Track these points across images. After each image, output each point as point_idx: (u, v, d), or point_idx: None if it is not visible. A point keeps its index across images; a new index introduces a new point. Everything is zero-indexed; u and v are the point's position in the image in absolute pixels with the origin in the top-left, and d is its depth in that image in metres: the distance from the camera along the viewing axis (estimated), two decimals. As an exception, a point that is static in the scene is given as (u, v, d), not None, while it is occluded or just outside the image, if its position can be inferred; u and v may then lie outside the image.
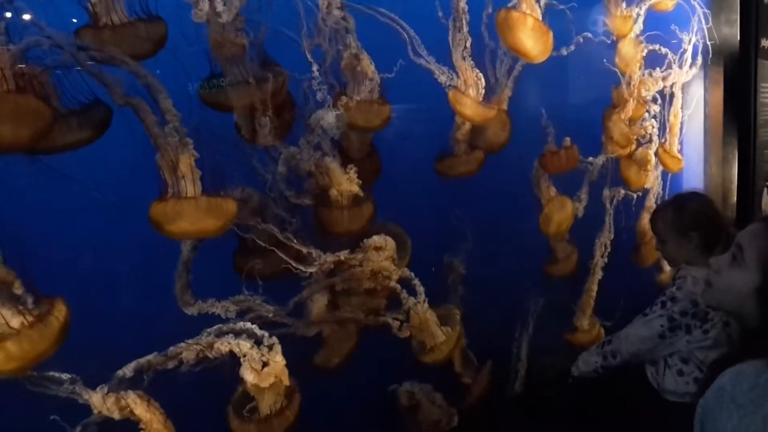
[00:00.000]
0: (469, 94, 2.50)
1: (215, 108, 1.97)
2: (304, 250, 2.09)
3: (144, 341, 1.88)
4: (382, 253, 2.22)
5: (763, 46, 3.85)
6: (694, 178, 4.05)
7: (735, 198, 4.03)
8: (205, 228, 1.87)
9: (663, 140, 3.67)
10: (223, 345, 1.95)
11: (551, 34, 2.66)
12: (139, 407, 1.84)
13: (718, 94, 3.97)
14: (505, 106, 2.68)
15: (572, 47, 2.93)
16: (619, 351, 2.20)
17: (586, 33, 3.04)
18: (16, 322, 1.59)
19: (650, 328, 2.11)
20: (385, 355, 2.40)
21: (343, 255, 2.17)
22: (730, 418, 1.14)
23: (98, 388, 1.78)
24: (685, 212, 2.20)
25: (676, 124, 3.77)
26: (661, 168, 3.71)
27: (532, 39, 2.57)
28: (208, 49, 1.90)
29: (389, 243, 2.23)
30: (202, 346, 1.93)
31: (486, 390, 2.70)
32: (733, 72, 3.91)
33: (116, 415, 1.80)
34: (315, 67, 2.07)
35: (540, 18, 2.62)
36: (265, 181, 2.07)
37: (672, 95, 3.69)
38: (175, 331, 1.93)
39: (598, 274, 3.33)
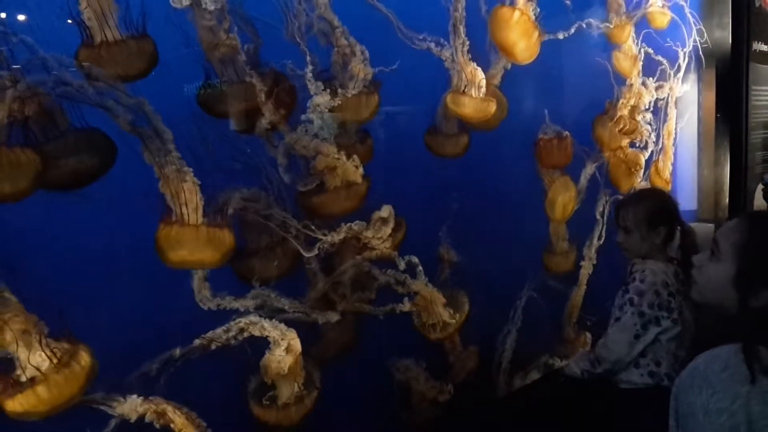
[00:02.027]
0: (470, 93, 2.56)
1: (212, 114, 2.02)
2: (319, 234, 2.15)
3: (163, 340, 1.93)
4: (387, 224, 2.28)
5: (755, 50, 3.91)
6: (687, 180, 4.10)
7: (727, 199, 4.08)
8: (203, 258, 1.91)
9: (656, 159, 3.72)
10: (254, 329, 2.02)
11: (538, 32, 2.67)
12: (177, 417, 1.89)
13: (711, 96, 4.03)
14: (497, 81, 2.70)
15: (572, 30, 2.94)
16: (602, 359, 2.26)
17: (588, 20, 3.09)
18: (43, 365, 1.64)
19: (625, 331, 2.17)
20: (384, 337, 2.45)
21: (356, 225, 2.22)
22: (701, 394, 1.21)
23: (131, 397, 1.82)
24: (656, 207, 2.29)
25: (670, 148, 3.81)
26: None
27: (515, 33, 2.58)
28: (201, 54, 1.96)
29: (392, 213, 2.29)
30: (233, 332, 2.01)
31: (472, 371, 2.75)
32: (725, 75, 3.97)
33: (156, 424, 1.85)
34: (309, 67, 2.10)
35: (530, 16, 2.64)
36: (266, 174, 2.11)
37: (666, 114, 3.75)
38: (194, 328, 1.98)
39: (584, 286, 3.35)
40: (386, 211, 2.26)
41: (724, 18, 3.93)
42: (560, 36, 2.86)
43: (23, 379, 1.62)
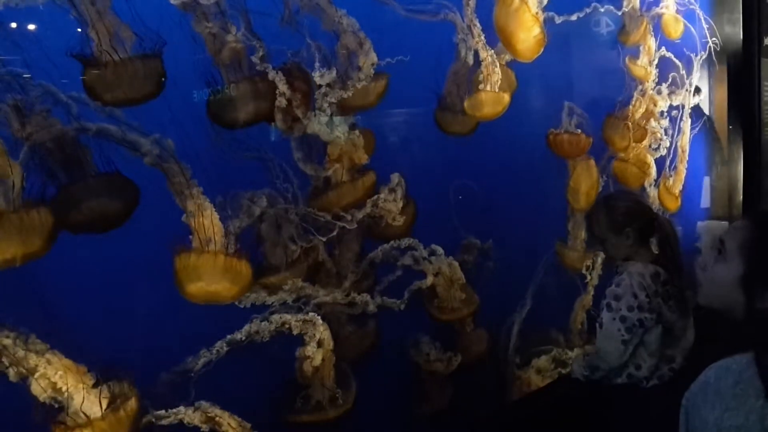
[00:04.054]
0: (485, 89, 2.58)
1: (222, 123, 2.02)
2: (348, 218, 2.20)
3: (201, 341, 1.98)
4: (397, 192, 2.31)
5: (766, 45, 3.88)
6: (700, 178, 4.06)
7: (741, 197, 4.03)
8: (218, 290, 1.92)
9: (668, 176, 3.69)
10: (294, 324, 2.09)
11: (540, 29, 2.62)
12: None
13: (723, 93, 4.00)
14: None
15: (588, 9, 2.96)
16: (597, 367, 2.23)
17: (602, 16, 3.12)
18: (93, 411, 1.69)
19: (611, 339, 2.12)
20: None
21: (380, 199, 2.28)
22: (713, 410, 1.19)
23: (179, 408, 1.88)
24: (617, 211, 2.24)
25: (682, 171, 3.78)
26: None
27: (514, 22, 2.56)
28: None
29: (401, 182, 2.32)
30: (275, 324, 2.07)
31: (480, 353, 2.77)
32: (737, 71, 3.94)
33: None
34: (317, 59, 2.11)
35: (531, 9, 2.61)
36: (275, 172, 2.14)
37: (680, 129, 3.72)
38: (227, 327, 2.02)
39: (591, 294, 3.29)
40: (395, 178, 2.29)
41: (734, 14, 3.91)
42: (573, 18, 2.87)
43: (71, 424, 1.66)
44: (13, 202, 1.58)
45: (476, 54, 2.56)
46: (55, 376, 1.63)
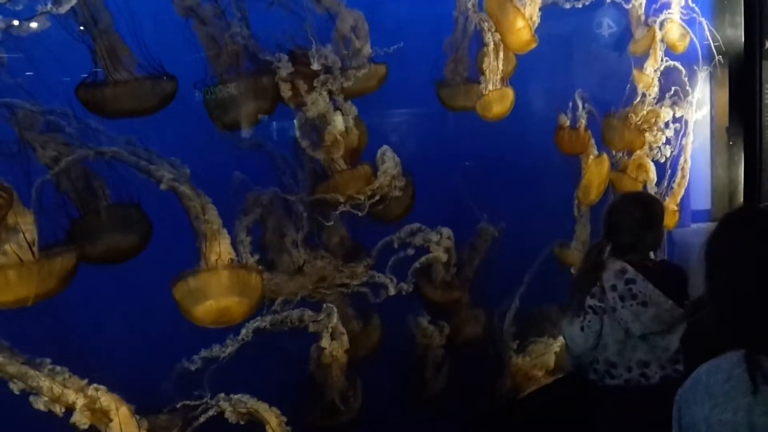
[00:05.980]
0: (490, 89, 2.62)
1: (223, 122, 2.03)
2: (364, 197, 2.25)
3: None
4: (387, 154, 2.33)
5: (768, 48, 3.88)
6: (700, 181, 4.05)
7: (742, 199, 4.02)
8: (228, 305, 1.92)
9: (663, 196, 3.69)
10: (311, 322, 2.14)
11: (522, 21, 2.65)
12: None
13: (724, 96, 4.00)
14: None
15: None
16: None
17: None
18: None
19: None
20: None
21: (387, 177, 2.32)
22: (704, 406, 1.20)
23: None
24: (614, 215, 2.24)
25: (680, 192, 3.78)
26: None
27: (498, 14, 2.59)
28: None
29: (388, 150, 2.34)
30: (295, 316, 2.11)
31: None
32: (738, 74, 3.95)
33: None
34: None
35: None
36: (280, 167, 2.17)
37: (682, 146, 3.73)
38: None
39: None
40: (385, 153, 2.31)
41: (736, 16, 3.91)
42: (579, 5, 2.90)
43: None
44: (30, 248, 1.60)
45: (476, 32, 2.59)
46: (94, 406, 1.69)
